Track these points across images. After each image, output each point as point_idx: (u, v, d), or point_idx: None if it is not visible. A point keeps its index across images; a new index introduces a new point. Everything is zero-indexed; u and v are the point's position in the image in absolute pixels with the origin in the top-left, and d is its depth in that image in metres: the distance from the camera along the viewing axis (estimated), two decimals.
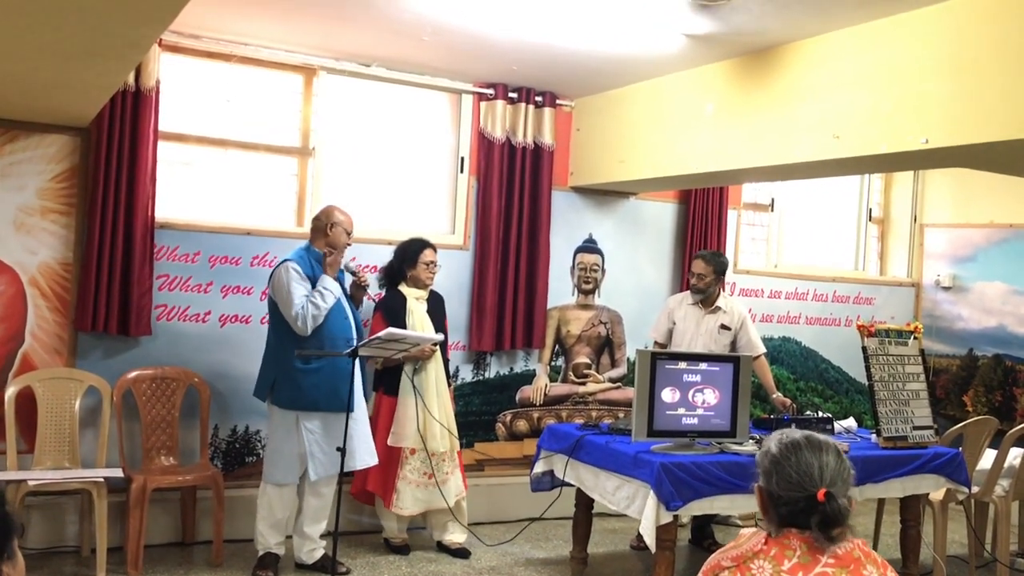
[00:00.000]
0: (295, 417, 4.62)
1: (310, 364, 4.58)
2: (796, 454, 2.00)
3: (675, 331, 5.55)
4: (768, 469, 2.02)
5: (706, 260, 5.45)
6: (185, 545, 5.06)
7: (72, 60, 3.41)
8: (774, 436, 2.08)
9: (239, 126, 5.37)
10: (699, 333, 5.45)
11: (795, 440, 2.03)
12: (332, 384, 4.58)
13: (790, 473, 1.98)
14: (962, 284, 7.34)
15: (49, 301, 4.84)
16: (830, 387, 7.25)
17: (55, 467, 4.70)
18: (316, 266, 4.67)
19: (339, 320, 4.68)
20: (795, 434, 2.05)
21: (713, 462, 4.26)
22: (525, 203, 5.91)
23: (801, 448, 2.01)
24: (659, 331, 5.67)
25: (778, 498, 1.98)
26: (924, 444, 4.88)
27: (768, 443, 2.07)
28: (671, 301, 5.71)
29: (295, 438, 4.63)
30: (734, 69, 4.84)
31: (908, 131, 3.92)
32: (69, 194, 4.86)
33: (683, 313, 5.54)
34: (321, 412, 4.62)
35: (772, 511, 2.01)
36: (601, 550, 5.48)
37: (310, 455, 4.61)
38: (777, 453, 2.02)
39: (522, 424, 6.11)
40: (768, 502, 2.02)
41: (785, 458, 2.00)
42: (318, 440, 4.62)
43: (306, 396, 4.60)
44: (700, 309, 5.50)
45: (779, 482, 1.98)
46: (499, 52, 5.03)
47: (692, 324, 5.49)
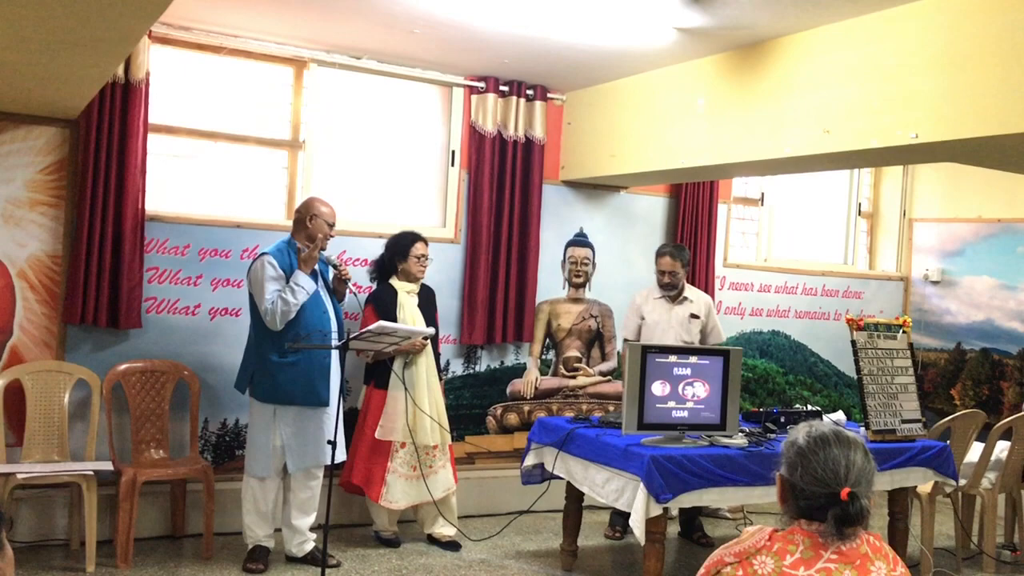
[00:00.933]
0: (272, 410, 4.64)
1: (286, 358, 4.57)
2: (824, 449, 1.97)
3: (645, 326, 5.56)
4: (793, 460, 1.99)
5: (673, 256, 5.48)
6: (175, 538, 5.06)
7: (62, 52, 3.39)
8: (802, 427, 2.05)
9: (229, 119, 5.35)
10: (671, 325, 5.49)
11: (824, 434, 2.00)
12: (308, 378, 4.59)
13: (816, 468, 1.95)
14: (950, 278, 7.38)
15: (38, 294, 4.82)
16: (819, 381, 7.28)
17: (44, 460, 4.68)
18: (295, 259, 4.66)
19: (317, 314, 4.65)
20: (823, 427, 2.02)
21: (703, 455, 4.28)
22: (516, 197, 5.91)
23: (830, 443, 1.98)
24: (629, 329, 5.67)
25: (800, 491, 1.96)
26: (912, 437, 4.91)
27: (795, 433, 2.04)
28: (637, 298, 5.72)
29: (272, 431, 4.64)
30: (725, 63, 4.85)
31: (898, 126, 3.94)
32: (58, 186, 4.84)
33: (651, 307, 5.57)
34: (296, 406, 4.62)
35: (791, 501, 1.99)
36: (591, 542, 5.50)
37: (287, 448, 4.62)
38: (805, 446, 1.99)
39: (512, 417, 6.12)
40: (788, 492, 2.00)
41: (812, 452, 1.97)
42: (294, 433, 4.63)
43: (281, 390, 4.60)
44: (668, 301, 5.53)
45: (803, 475, 1.96)
46: (490, 45, 5.02)
47: (663, 317, 5.51)
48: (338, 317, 4.80)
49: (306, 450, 4.64)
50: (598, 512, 5.84)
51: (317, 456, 4.65)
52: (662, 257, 5.50)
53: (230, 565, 4.71)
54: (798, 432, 2.04)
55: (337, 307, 4.83)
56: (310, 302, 4.61)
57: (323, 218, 4.71)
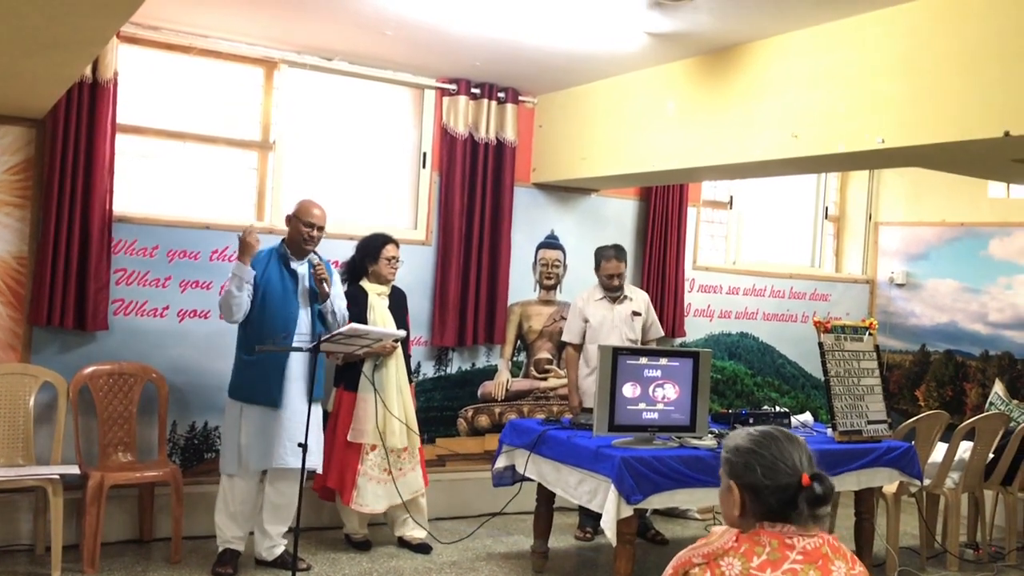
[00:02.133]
0: (240, 408, 4.64)
1: (249, 356, 4.56)
2: (775, 444, 1.99)
3: (589, 327, 5.59)
4: (747, 463, 1.98)
5: (619, 258, 5.55)
6: (143, 542, 5.00)
7: (29, 52, 3.35)
8: (737, 435, 2.05)
9: (199, 119, 5.31)
10: (615, 324, 5.55)
11: (767, 432, 2.02)
12: (264, 378, 4.58)
13: (775, 462, 1.96)
14: (915, 281, 7.49)
15: (3, 295, 4.75)
16: (787, 382, 7.36)
17: (8, 464, 4.61)
18: (275, 262, 4.65)
19: (280, 314, 4.60)
20: (759, 428, 2.04)
21: (673, 456, 4.31)
22: (487, 199, 5.92)
23: (778, 438, 2.00)
24: (573, 332, 5.69)
25: (764, 488, 1.95)
26: (878, 438, 4.98)
27: (733, 442, 2.04)
28: (578, 301, 5.75)
29: (239, 428, 4.64)
30: (695, 68, 4.89)
31: (865, 131, 4.00)
32: (24, 186, 4.77)
33: (593, 308, 5.61)
34: (256, 405, 4.61)
35: (755, 505, 1.97)
36: (562, 544, 5.52)
37: (249, 447, 4.61)
38: (753, 446, 1.99)
39: (484, 419, 6.12)
40: (750, 497, 1.98)
41: (765, 448, 1.98)
42: (255, 432, 4.61)
43: (243, 388, 4.63)
44: (610, 301, 5.58)
45: (765, 472, 1.95)
46: (462, 48, 5.03)
47: (606, 317, 5.57)
48: (312, 321, 4.75)
49: (265, 450, 4.60)
50: (569, 514, 5.86)
51: (275, 457, 4.60)
52: (608, 261, 5.55)
53: (199, 569, 4.67)
54: (736, 440, 2.03)
55: (314, 309, 4.77)
56: (274, 304, 4.57)
57: (300, 218, 4.66)
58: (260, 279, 4.59)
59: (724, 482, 2.05)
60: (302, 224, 4.66)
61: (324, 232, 4.74)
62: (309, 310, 4.74)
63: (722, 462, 2.06)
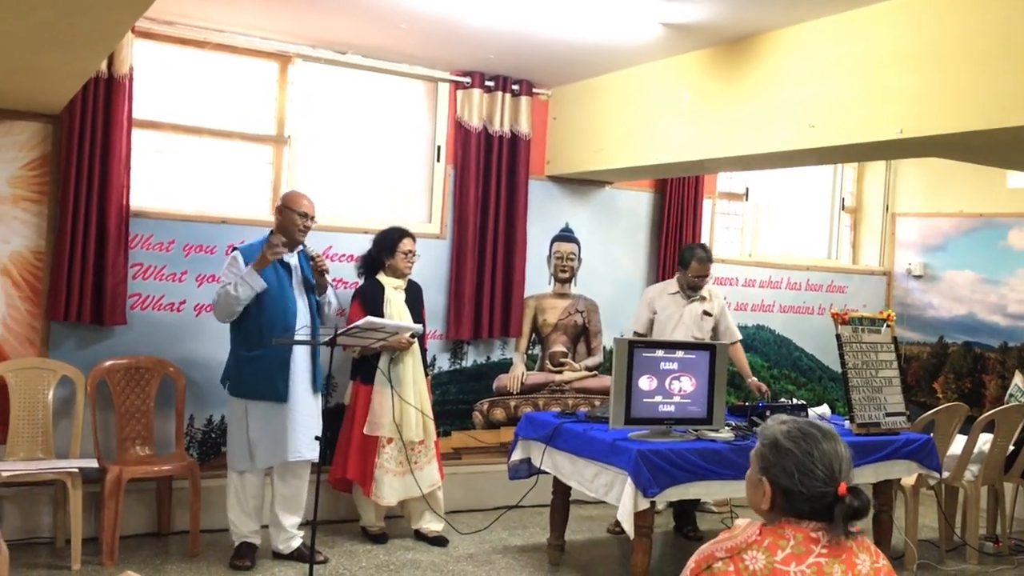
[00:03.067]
0: (244, 405, 4.64)
1: (251, 352, 4.56)
2: (815, 446, 1.91)
3: (657, 320, 5.59)
4: (783, 464, 1.92)
5: (708, 260, 5.51)
6: (161, 535, 5.03)
7: (45, 47, 3.36)
8: (776, 428, 1.97)
9: (214, 114, 5.32)
10: (682, 321, 5.50)
11: (808, 431, 1.94)
12: (268, 374, 4.57)
13: (813, 468, 1.89)
14: (933, 272, 7.44)
15: (21, 290, 4.78)
16: (803, 374, 7.32)
17: (28, 458, 4.65)
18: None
19: (279, 308, 4.59)
20: (800, 423, 1.96)
21: (690, 449, 4.30)
22: (502, 192, 5.90)
23: (818, 439, 1.92)
24: (640, 322, 5.70)
25: (797, 494, 1.90)
26: (896, 430, 4.95)
27: (771, 435, 1.97)
28: (650, 291, 5.75)
29: (244, 425, 4.64)
30: (710, 58, 4.86)
31: (883, 121, 3.96)
32: (41, 182, 4.80)
33: (665, 303, 5.58)
34: (262, 401, 4.60)
35: (786, 506, 1.92)
36: (578, 537, 5.51)
37: (256, 443, 4.61)
38: (792, 446, 1.92)
39: (499, 412, 6.12)
40: (781, 497, 1.93)
41: (804, 451, 1.91)
42: (260, 428, 4.62)
43: (246, 384, 4.62)
44: (682, 297, 5.55)
45: (801, 478, 1.89)
46: (476, 40, 5.01)
47: (675, 313, 5.53)
48: (311, 313, 4.74)
49: (273, 445, 4.61)
50: (585, 507, 5.85)
51: (284, 451, 4.62)
52: (700, 264, 5.46)
53: (217, 562, 4.69)
54: (774, 431, 1.96)
55: (312, 303, 4.75)
56: (272, 298, 4.56)
57: (293, 208, 4.64)
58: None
59: (755, 472, 1.99)
60: (296, 214, 4.64)
61: (313, 222, 4.72)
62: (306, 301, 4.72)
63: (756, 451, 2.00)
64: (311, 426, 4.66)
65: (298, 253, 4.74)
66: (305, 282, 4.73)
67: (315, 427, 4.66)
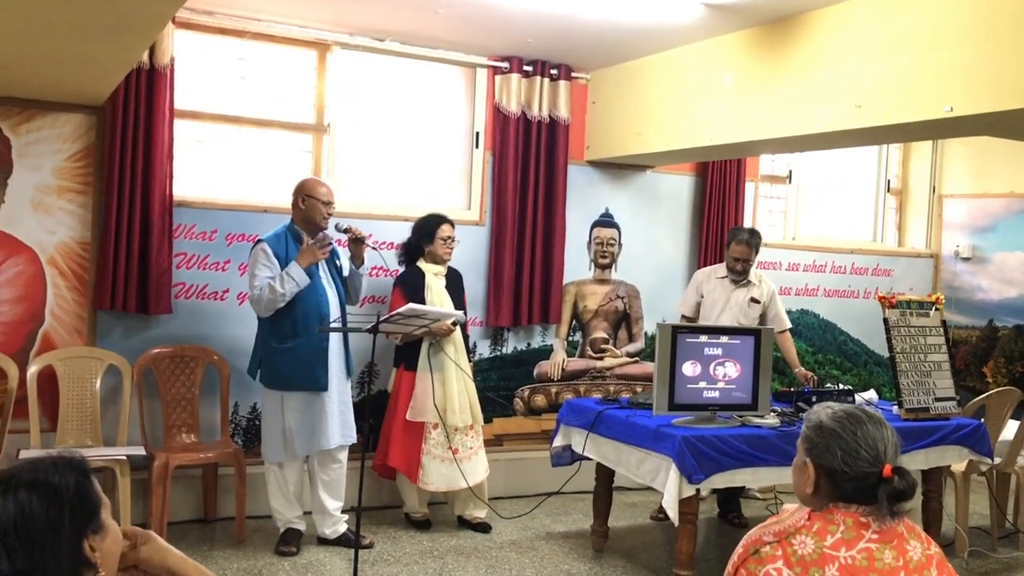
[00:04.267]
0: (280, 396, 4.65)
1: (284, 344, 4.56)
2: (860, 428, 1.92)
3: (704, 304, 5.54)
4: (827, 444, 1.92)
5: (747, 243, 5.42)
6: (207, 522, 5.09)
7: (88, 38, 3.38)
8: (821, 412, 1.98)
9: (253, 103, 5.35)
10: (728, 306, 5.45)
11: (854, 413, 1.95)
12: (306, 364, 4.58)
13: (858, 448, 1.89)
14: (982, 255, 7.28)
15: (68, 280, 4.85)
16: (848, 359, 7.21)
17: (77, 445, 4.71)
18: (292, 245, 4.62)
19: (311, 298, 4.58)
20: (846, 407, 1.97)
21: (735, 435, 4.25)
22: (541, 178, 5.87)
23: (863, 421, 1.93)
24: (687, 305, 5.66)
25: (841, 474, 1.89)
26: (946, 416, 4.86)
27: (816, 418, 1.97)
28: (699, 275, 5.70)
29: (281, 417, 4.65)
30: (753, 38, 4.78)
31: (931, 99, 3.87)
32: (85, 173, 4.85)
33: (712, 286, 5.53)
34: (298, 392, 4.61)
35: (830, 488, 1.92)
36: (621, 523, 5.49)
37: (295, 433, 4.63)
38: (837, 427, 1.92)
39: (540, 399, 6.11)
40: (825, 479, 1.92)
41: (850, 432, 1.91)
42: (299, 419, 4.63)
43: (283, 376, 4.61)
44: (730, 283, 5.49)
45: (845, 458, 1.89)
46: (514, 24, 4.98)
47: (722, 297, 5.48)
48: (340, 301, 4.74)
49: (311, 435, 4.63)
50: (627, 493, 5.83)
51: (322, 440, 4.64)
52: (739, 245, 5.42)
53: (263, 548, 4.74)
54: (819, 415, 1.97)
55: (340, 290, 4.75)
56: (305, 288, 4.55)
57: (317, 197, 4.62)
58: (284, 264, 4.56)
59: (800, 456, 1.99)
60: (320, 203, 4.63)
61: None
62: (335, 289, 4.72)
63: (801, 436, 2.00)
64: (345, 412, 4.73)
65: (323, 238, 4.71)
66: (332, 269, 4.73)
67: (348, 413, 4.73)
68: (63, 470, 1.48)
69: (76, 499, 1.46)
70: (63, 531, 1.43)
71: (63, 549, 1.42)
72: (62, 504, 1.44)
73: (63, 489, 1.45)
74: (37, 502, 1.42)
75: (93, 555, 1.47)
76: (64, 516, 1.43)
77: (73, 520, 1.44)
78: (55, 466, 1.49)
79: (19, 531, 1.39)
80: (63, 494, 1.45)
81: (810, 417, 2.00)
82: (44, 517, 1.42)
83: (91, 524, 1.47)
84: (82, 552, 1.45)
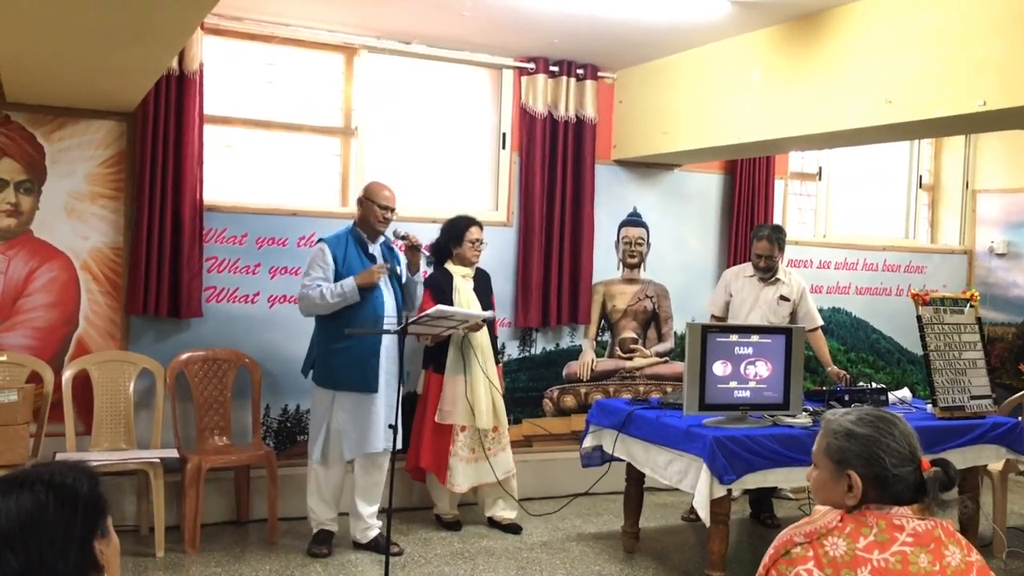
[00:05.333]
0: (331, 396, 4.67)
1: (339, 344, 4.57)
2: (894, 427, 1.90)
3: (732, 303, 5.50)
4: (871, 452, 1.89)
5: (770, 240, 5.36)
6: (240, 524, 5.13)
7: (117, 45, 3.42)
8: (841, 421, 1.94)
9: (282, 107, 5.38)
10: (757, 304, 5.40)
11: (878, 414, 1.94)
12: (360, 364, 4.59)
13: (899, 448, 1.88)
14: (1017, 250, 7.17)
15: (101, 285, 4.91)
16: (881, 357, 7.13)
17: (112, 448, 4.78)
18: (352, 247, 4.65)
19: (367, 301, 4.59)
20: (864, 411, 1.95)
21: (767, 435, 4.21)
22: (568, 178, 5.86)
23: (895, 421, 1.92)
24: (716, 304, 5.63)
25: (891, 479, 1.87)
26: (982, 414, 4.79)
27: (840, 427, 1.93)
28: (728, 274, 5.66)
29: (331, 416, 4.68)
30: (781, 35, 4.74)
31: (964, 93, 3.81)
32: (117, 179, 4.91)
33: (740, 285, 5.49)
34: (351, 392, 4.63)
35: (878, 494, 1.89)
36: (652, 524, 5.46)
37: (344, 434, 4.65)
38: (875, 433, 1.90)
39: (569, 400, 6.09)
40: (873, 487, 1.89)
41: (887, 435, 1.89)
42: (350, 420, 4.65)
43: (335, 375, 4.64)
44: (759, 281, 5.44)
45: (894, 462, 1.87)
46: (539, 25, 4.97)
47: (750, 296, 5.43)
48: (397, 303, 4.76)
49: (360, 436, 4.65)
50: (658, 494, 5.80)
51: (371, 442, 4.65)
52: (760, 241, 5.38)
53: (295, 550, 4.77)
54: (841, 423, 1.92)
55: (396, 291, 4.78)
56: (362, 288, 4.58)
57: (374, 200, 4.66)
58: (342, 267, 4.61)
59: (828, 469, 1.94)
60: (377, 207, 4.66)
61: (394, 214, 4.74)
62: (392, 292, 4.75)
63: (827, 448, 1.95)
64: (391, 417, 4.68)
65: (380, 244, 4.76)
66: (390, 272, 4.74)
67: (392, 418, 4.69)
68: (78, 473, 1.52)
69: (89, 500, 1.49)
70: (75, 529, 1.46)
71: (72, 547, 1.45)
72: (76, 503, 1.47)
73: (78, 489, 1.48)
74: (53, 498, 1.45)
75: (101, 557, 1.50)
76: (77, 515, 1.46)
77: (85, 520, 1.47)
78: (70, 469, 1.52)
79: (33, 524, 1.42)
80: (78, 494, 1.48)
81: (832, 429, 1.95)
82: (58, 513, 1.44)
83: (100, 527, 1.50)
84: (92, 552, 1.47)
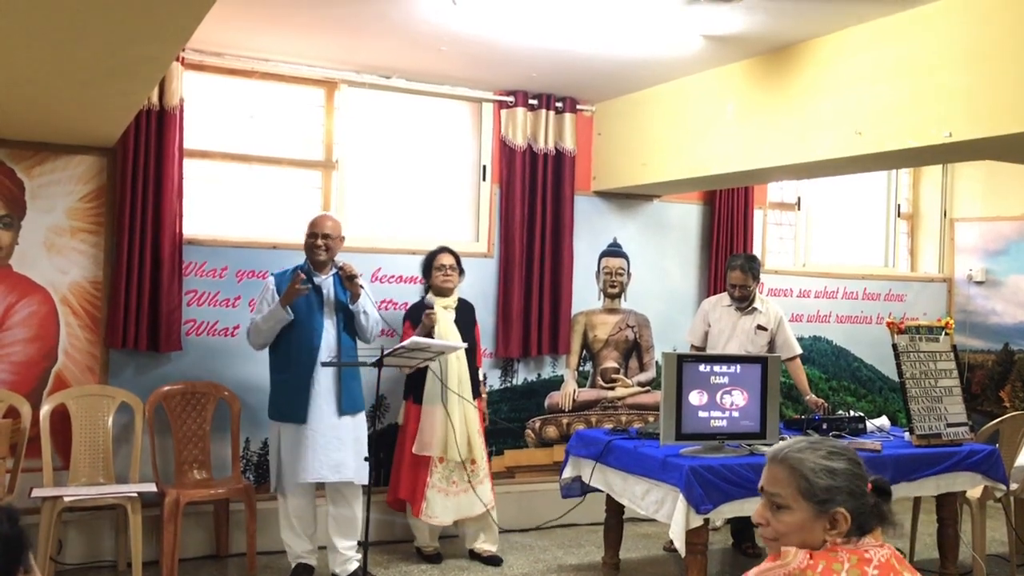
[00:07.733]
0: (278, 428, 4.73)
1: (277, 375, 4.68)
2: (853, 452, 1.95)
3: (711, 333, 5.52)
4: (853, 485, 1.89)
5: (743, 270, 5.39)
6: (219, 558, 5.10)
7: (92, 81, 3.46)
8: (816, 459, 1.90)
9: (263, 141, 5.42)
10: (735, 334, 5.42)
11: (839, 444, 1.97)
12: (288, 396, 4.63)
13: (864, 474, 1.92)
14: (995, 278, 7.24)
15: (80, 319, 4.91)
16: (863, 386, 7.16)
17: (90, 483, 4.76)
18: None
19: (305, 331, 4.60)
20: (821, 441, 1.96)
21: (743, 464, 4.22)
22: (548, 209, 5.90)
23: (848, 446, 1.97)
24: (695, 334, 5.64)
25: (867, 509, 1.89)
26: (959, 441, 4.81)
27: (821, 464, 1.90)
28: (706, 304, 5.69)
29: (279, 447, 4.72)
30: (753, 68, 4.81)
31: (931, 125, 3.88)
32: (97, 213, 4.93)
33: (718, 315, 5.51)
34: (286, 423, 4.65)
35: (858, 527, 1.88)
36: (634, 555, 5.45)
37: (283, 465, 4.68)
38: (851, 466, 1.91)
39: (551, 430, 6.10)
40: (855, 520, 1.88)
41: (855, 463, 1.92)
42: (288, 449, 4.65)
43: (275, 407, 4.72)
44: (736, 310, 5.47)
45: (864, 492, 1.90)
46: (518, 59, 5.04)
47: (728, 325, 5.45)
48: (338, 334, 4.68)
49: (296, 466, 4.62)
50: (641, 524, 5.79)
51: (301, 474, 4.60)
52: (733, 271, 5.41)
53: None
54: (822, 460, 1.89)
55: (339, 325, 4.70)
56: (299, 322, 4.59)
57: (308, 229, 4.68)
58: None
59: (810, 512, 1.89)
60: (307, 235, 4.68)
61: (336, 241, 4.68)
62: (335, 322, 4.69)
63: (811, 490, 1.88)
64: (337, 448, 4.62)
65: (332, 275, 4.74)
66: (337, 303, 4.72)
67: (343, 449, 4.63)
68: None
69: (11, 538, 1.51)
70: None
71: None
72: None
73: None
74: None
75: None
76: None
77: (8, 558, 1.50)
78: None
79: None
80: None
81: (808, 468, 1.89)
82: None
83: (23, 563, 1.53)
84: None
